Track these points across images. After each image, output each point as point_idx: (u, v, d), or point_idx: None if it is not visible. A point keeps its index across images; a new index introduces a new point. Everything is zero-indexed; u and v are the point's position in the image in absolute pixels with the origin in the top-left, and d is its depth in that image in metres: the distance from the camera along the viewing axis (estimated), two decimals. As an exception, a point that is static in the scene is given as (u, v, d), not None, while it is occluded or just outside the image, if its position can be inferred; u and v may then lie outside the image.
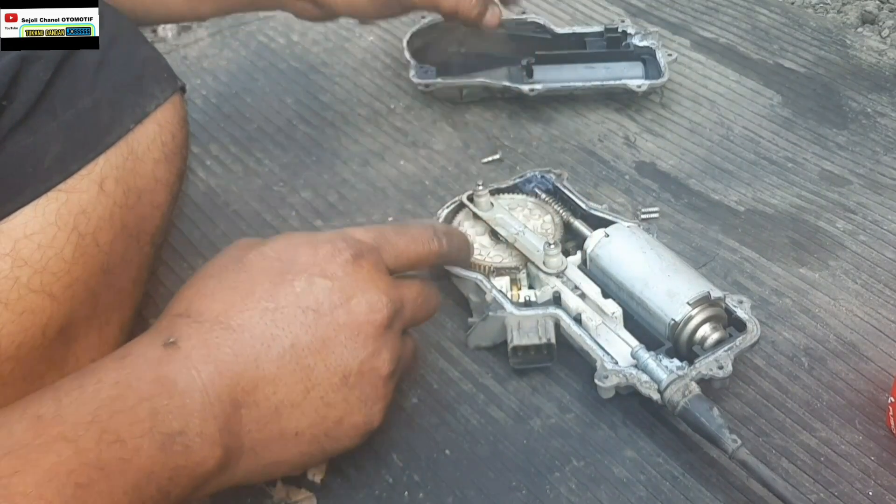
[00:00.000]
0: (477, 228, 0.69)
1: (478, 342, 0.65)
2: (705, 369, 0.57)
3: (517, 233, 0.67)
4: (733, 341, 0.58)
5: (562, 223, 0.69)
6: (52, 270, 0.53)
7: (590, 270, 0.65)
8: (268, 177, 0.84)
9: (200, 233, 0.78)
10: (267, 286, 0.51)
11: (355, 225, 0.76)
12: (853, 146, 0.81)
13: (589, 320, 0.61)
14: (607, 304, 0.62)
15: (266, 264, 0.52)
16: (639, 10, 1.01)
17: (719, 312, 0.60)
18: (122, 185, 0.57)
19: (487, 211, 0.69)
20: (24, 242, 0.52)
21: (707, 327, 0.59)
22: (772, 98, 0.87)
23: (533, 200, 0.71)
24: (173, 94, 0.63)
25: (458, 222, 0.70)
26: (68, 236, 0.54)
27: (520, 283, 0.66)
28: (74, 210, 0.54)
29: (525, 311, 0.62)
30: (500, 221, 0.68)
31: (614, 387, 0.57)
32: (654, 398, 0.57)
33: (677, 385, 0.56)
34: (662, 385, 0.56)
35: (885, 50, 0.91)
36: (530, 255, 0.65)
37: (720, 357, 0.57)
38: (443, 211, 0.70)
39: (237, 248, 0.54)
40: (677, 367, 0.57)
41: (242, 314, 0.50)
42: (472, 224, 0.70)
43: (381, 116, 0.90)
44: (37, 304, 0.53)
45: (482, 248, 0.67)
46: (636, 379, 0.57)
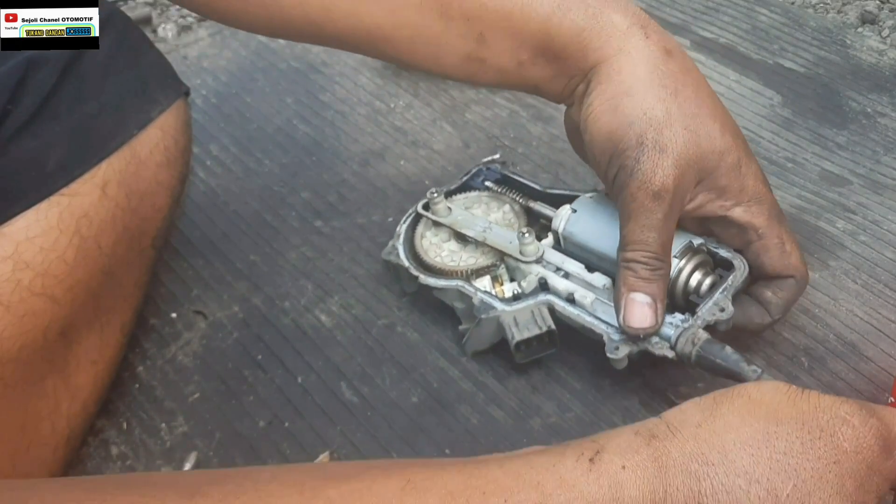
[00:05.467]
0: (441, 235, 0.68)
1: (475, 347, 0.65)
2: (708, 315, 0.57)
3: (484, 230, 0.66)
4: (726, 281, 0.58)
5: (522, 209, 0.68)
6: (54, 273, 0.54)
7: (566, 249, 0.64)
8: (268, 177, 0.84)
9: (200, 233, 0.78)
10: None
11: (355, 226, 0.77)
12: (853, 146, 0.81)
13: (583, 298, 0.60)
14: (595, 278, 0.61)
15: None
16: (639, 10, 1.01)
17: (705, 258, 0.60)
18: (125, 189, 0.57)
19: (447, 216, 0.67)
20: (26, 245, 0.52)
21: (698, 274, 0.59)
22: (772, 98, 0.87)
23: (487, 194, 0.70)
24: (177, 99, 0.63)
25: (420, 234, 0.68)
26: (70, 239, 0.54)
27: (501, 278, 0.65)
28: (77, 213, 0.54)
29: (516, 304, 0.61)
30: (463, 223, 0.67)
31: (626, 356, 0.57)
32: (668, 356, 0.56)
33: (686, 336, 0.55)
34: (672, 340, 0.56)
35: (886, 50, 0.91)
36: (504, 248, 0.64)
37: (719, 300, 0.57)
38: (401, 227, 0.68)
39: None
40: (681, 320, 0.57)
41: None
42: (434, 233, 0.68)
43: (381, 116, 0.90)
44: (38, 307, 0.53)
45: (452, 253, 0.66)
46: (646, 343, 0.56)
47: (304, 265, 0.75)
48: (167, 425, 0.64)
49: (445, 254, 0.66)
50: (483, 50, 0.57)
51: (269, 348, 0.68)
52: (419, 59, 0.59)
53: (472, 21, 0.56)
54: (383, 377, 0.65)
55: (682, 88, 0.55)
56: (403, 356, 0.66)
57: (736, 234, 0.59)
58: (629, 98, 0.54)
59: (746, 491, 0.37)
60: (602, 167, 0.56)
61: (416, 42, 0.57)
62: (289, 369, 0.67)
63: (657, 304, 0.54)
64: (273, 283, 0.73)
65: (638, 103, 0.53)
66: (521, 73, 0.58)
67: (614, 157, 0.54)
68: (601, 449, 0.39)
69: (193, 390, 0.66)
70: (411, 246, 0.67)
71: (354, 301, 0.71)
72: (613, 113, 0.54)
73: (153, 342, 0.70)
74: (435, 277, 0.64)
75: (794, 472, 0.38)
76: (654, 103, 0.53)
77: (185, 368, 0.68)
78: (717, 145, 0.55)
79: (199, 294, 0.73)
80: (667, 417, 0.41)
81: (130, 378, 0.67)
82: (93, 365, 0.60)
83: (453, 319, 0.67)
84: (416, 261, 0.66)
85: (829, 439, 0.38)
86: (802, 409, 0.40)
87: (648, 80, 0.54)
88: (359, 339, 0.68)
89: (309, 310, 0.71)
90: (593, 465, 0.38)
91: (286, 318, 0.70)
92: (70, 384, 0.59)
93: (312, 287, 0.73)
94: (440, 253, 0.66)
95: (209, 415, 0.64)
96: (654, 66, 0.54)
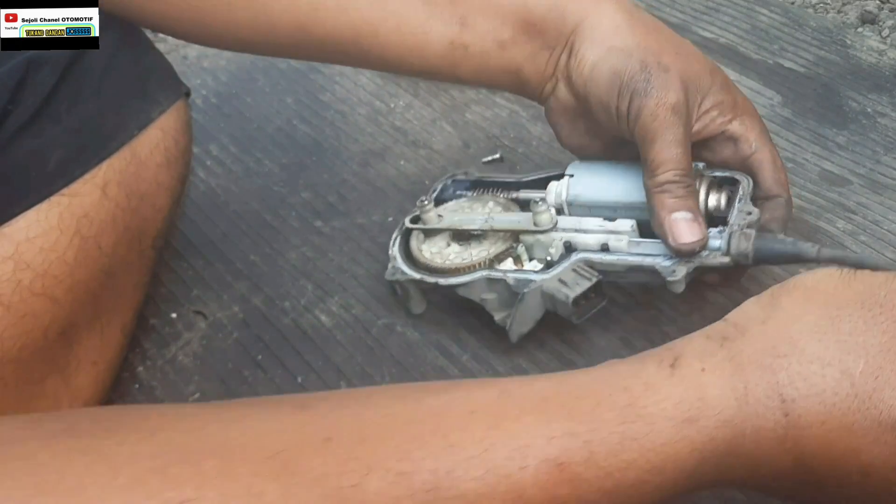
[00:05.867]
0: (440, 243, 0.66)
1: (521, 330, 0.62)
2: (741, 220, 0.57)
3: (486, 220, 0.64)
4: (739, 192, 0.59)
5: (508, 202, 0.67)
6: (55, 274, 0.54)
7: (575, 213, 0.63)
8: (268, 177, 0.84)
9: (200, 233, 0.78)
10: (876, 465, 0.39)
11: (355, 226, 0.77)
12: (853, 146, 0.81)
13: (618, 241, 0.60)
14: (619, 224, 0.60)
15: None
16: (638, 10, 1.01)
17: (712, 179, 0.61)
18: (125, 190, 0.57)
19: (440, 222, 0.66)
20: (26, 246, 0.52)
21: (714, 193, 0.60)
22: (772, 98, 0.87)
23: (466, 199, 0.69)
24: (178, 100, 0.63)
25: (417, 248, 0.66)
26: (71, 240, 0.54)
27: (521, 258, 0.64)
28: (77, 214, 0.54)
29: (553, 271, 0.60)
30: (462, 221, 0.65)
31: (685, 276, 0.56)
32: (724, 262, 0.56)
33: (735, 239, 0.56)
34: (724, 246, 0.56)
35: (886, 50, 0.91)
36: (516, 227, 0.63)
37: (742, 207, 0.58)
38: (393, 248, 0.67)
39: None
40: (719, 231, 0.57)
41: None
42: (431, 243, 0.66)
43: (381, 116, 0.90)
44: (39, 307, 0.53)
45: (459, 253, 0.65)
46: (700, 258, 0.56)
47: (304, 265, 0.75)
48: (167, 425, 0.64)
49: (453, 256, 0.65)
50: (466, 34, 0.59)
51: (269, 348, 0.68)
52: (404, 52, 0.59)
53: (455, 4, 0.58)
54: (383, 377, 0.65)
55: (660, 26, 0.60)
56: (403, 356, 0.66)
57: (732, 153, 0.60)
58: (620, 37, 0.57)
59: (822, 375, 0.38)
60: (612, 106, 0.56)
61: (402, 32, 0.59)
62: (289, 369, 0.67)
63: (698, 217, 0.55)
64: (273, 283, 0.73)
65: (630, 38, 0.57)
66: (503, 55, 0.60)
67: (623, 89, 0.56)
68: (679, 355, 0.41)
69: (193, 390, 0.66)
70: (413, 261, 0.66)
71: (354, 301, 0.71)
72: (609, 53, 0.57)
73: (153, 342, 0.70)
74: (455, 277, 0.63)
75: (863, 350, 0.39)
76: (643, 35, 0.57)
77: (185, 368, 0.68)
78: (706, 65, 0.59)
79: (199, 294, 0.73)
80: (732, 319, 0.43)
81: (130, 378, 0.67)
82: (93, 365, 0.60)
83: (452, 318, 0.67)
84: (427, 271, 0.65)
85: (889, 313, 0.39)
86: (858, 290, 0.41)
87: (630, 21, 0.58)
88: (359, 339, 0.68)
89: (309, 310, 0.71)
90: (674, 370, 0.40)
91: (286, 318, 0.70)
92: (70, 385, 0.59)
93: (312, 287, 0.73)
94: (447, 257, 0.65)
95: (209, 415, 0.64)
96: (629, 13, 0.58)
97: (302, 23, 0.58)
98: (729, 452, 0.39)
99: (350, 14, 0.58)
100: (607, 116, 0.58)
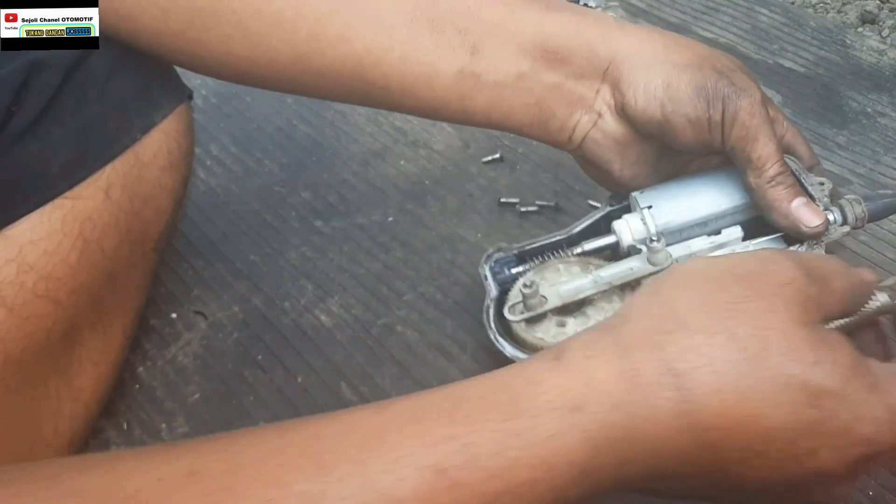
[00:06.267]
0: (547, 325, 0.58)
1: None
2: (820, 192, 0.59)
3: (596, 279, 0.58)
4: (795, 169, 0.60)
5: (576, 258, 0.61)
6: (57, 276, 0.54)
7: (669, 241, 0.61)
8: (268, 177, 0.84)
9: (201, 233, 0.78)
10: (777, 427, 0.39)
11: (356, 226, 0.77)
12: (853, 146, 0.81)
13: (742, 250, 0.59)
14: (729, 234, 0.60)
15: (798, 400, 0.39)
16: (639, 10, 1.01)
17: None
18: (128, 192, 0.57)
19: (549, 302, 0.57)
20: (29, 248, 0.52)
21: None
22: (772, 98, 0.87)
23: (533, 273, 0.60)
24: (181, 103, 0.63)
25: (523, 336, 0.57)
26: (74, 242, 0.54)
27: None
28: (80, 217, 0.54)
29: None
30: (570, 293, 0.58)
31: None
32: (846, 232, 0.59)
33: (847, 204, 0.59)
34: (840, 218, 0.58)
35: (885, 50, 0.91)
36: (635, 273, 0.58)
37: (810, 180, 0.59)
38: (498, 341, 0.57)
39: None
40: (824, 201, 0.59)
41: None
42: (536, 328, 0.57)
43: (381, 116, 0.90)
44: (41, 309, 0.53)
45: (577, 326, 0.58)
46: (827, 236, 0.58)
47: (304, 265, 0.75)
48: (167, 426, 0.64)
49: (571, 332, 0.57)
50: (477, 62, 0.56)
51: (269, 348, 0.68)
52: (410, 82, 0.56)
53: (464, 32, 0.55)
54: (383, 377, 0.65)
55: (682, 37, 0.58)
56: (403, 356, 0.67)
57: None
58: (672, 55, 0.56)
59: (709, 344, 0.38)
60: (703, 118, 0.55)
61: (408, 61, 0.56)
62: (289, 369, 0.67)
63: (810, 200, 0.57)
64: (273, 283, 0.74)
65: (681, 53, 0.56)
66: (521, 85, 0.57)
67: (713, 98, 0.55)
68: (564, 348, 0.40)
69: (194, 390, 0.66)
70: (523, 343, 0.57)
71: (354, 301, 0.71)
72: (676, 70, 0.55)
73: (153, 343, 0.70)
74: None
75: (744, 314, 0.39)
76: (687, 48, 0.56)
77: (186, 369, 0.68)
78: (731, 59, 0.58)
79: (200, 294, 0.73)
80: (618, 312, 0.42)
81: (131, 378, 0.67)
82: (95, 367, 0.60)
83: (453, 319, 0.67)
84: None
85: (763, 279, 0.41)
86: (732, 263, 0.42)
87: (665, 40, 0.57)
88: (359, 339, 0.68)
89: (309, 310, 0.71)
90: (558, 361, 0.39)
91: (286, 318, 0.71)
92: (72, 386, 0.59)
93: (312, 287, 0.73)
94: (567, 335, 0.56)
95: (209, 415, 0.64)
96: (658, 32, 0.57)
97: (302, 54, 0.56)
98: (625, 437, 0.37)
99: (353, 44, 0.55)
100: (695, 130, 0.56)
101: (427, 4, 0.55)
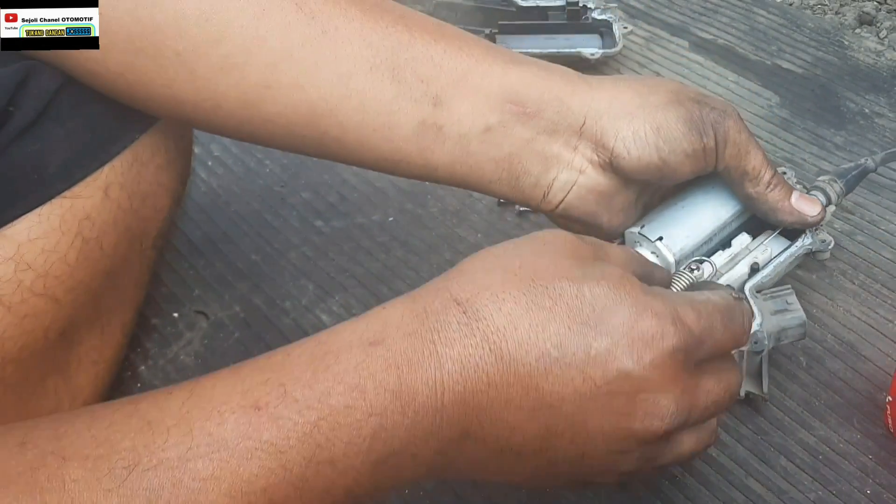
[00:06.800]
0: None
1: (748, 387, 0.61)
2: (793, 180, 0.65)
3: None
4: None
5: None
6: (56, 274, 0.54)
7: None
8: (268, 177, 0.84)
9: (202, 233, 0.79)
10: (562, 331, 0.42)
11: (356, 226, 0.77)
12: (851, 146, 0.81)
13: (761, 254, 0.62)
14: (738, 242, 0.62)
15: (575, 304, 0.42)
16: (637, 12, 1.01)
17: None
18: (127, 191, 0.57)
19: None
20: (27, 246, 0.53)
21: None
22: (770, 99, 0.87)
23: None
24: None
25: None
26: (72, 241, 0.54)
27: None
28: (79, 215, 0.54)
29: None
30: None
31: None
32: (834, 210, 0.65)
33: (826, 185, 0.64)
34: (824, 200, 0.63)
35: (883, 51, 0.92)
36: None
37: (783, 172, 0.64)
38: None
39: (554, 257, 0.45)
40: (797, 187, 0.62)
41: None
42: None
43: (380, 117, 0.90)
44: (40, 308, 0.54)
45: None
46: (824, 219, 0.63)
47: (304, 265, 0.75)
48: (168, 425, 0.64)
49: None
50: (440, 114, 0.54)
51: (270, 348, 0.67)
52: (367, 133, 0.54)
53: (426, 82, 0.53)
54: (383, 377, 0.65)
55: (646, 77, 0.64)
56: (403, 356, 0.67)
57: None
58: (646, 97, 0.56)
59: (485, 273, 0.43)
60: (699, 149, 0.56)
61: (366, 111, 0.53)
62: (289, 369, 0.67)
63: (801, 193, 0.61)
64: (274, 282, 0.74)
65: (653, 93, 0.56)
66: (489, 139, 0.55)
67: (703, 128, 0.56)
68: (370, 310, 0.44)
69: (194, 390, 0.66)
70: None
71: (355, 301, 0.71)
72: (658, 111, 0.55)
73: (155, 342, 0.70)
74: None
75: (516, 252, 0.45)
76: (655, 87, 0.57)
77: (187, 368, 0.68)
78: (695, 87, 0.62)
79: (201, 294, 0.74)
80: None
81: (132, 378, 0.67)
82: (93, 365, 0.61)
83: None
84: None
85: (532, 239, 0.46)
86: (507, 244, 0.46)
87: (631, 84, 0.58)
88: (359, 339, 0.68)
89: (310, 309, 0.71)
90: (360, 316, 0.43)
91: (287, 318, 0.71)
92: (71, 384, 0.59)
93: (313, 287, 0.73)
94: None
95: (210, 414, 0.65)
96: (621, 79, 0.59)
97: (251, 100, 0.53)
98: (424, 361, 0.41)
99: (307, 91, 0.53)
100: (693, 162, 0.56)
101: (388, 52, 0.53)
